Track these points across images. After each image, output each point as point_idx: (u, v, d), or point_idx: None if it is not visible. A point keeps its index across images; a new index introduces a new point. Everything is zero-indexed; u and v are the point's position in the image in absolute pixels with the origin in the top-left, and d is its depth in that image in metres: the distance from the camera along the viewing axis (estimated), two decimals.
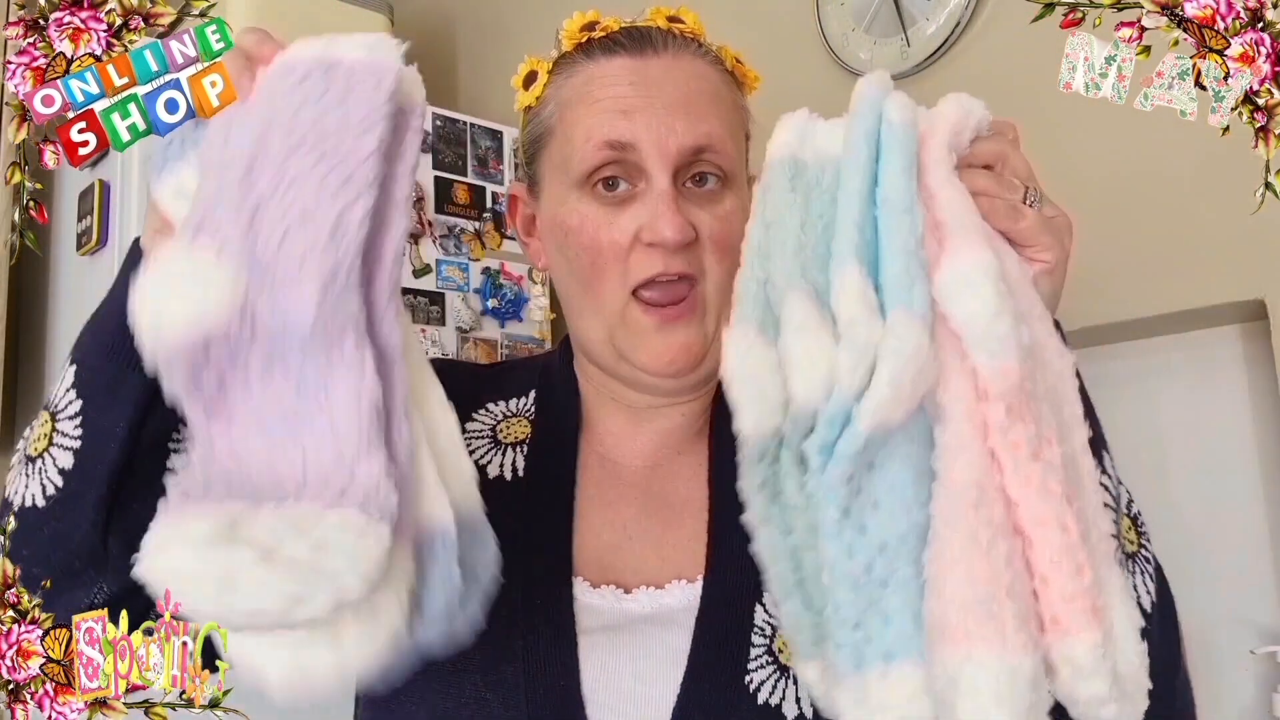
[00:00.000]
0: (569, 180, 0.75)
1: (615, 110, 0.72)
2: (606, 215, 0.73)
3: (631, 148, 0.72)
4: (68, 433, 0.63)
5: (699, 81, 0.76)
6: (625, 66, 0.74)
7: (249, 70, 0.59)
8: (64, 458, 0.62)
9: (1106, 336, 1.38)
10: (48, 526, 0.62)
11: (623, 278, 0.73)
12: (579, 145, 0.73)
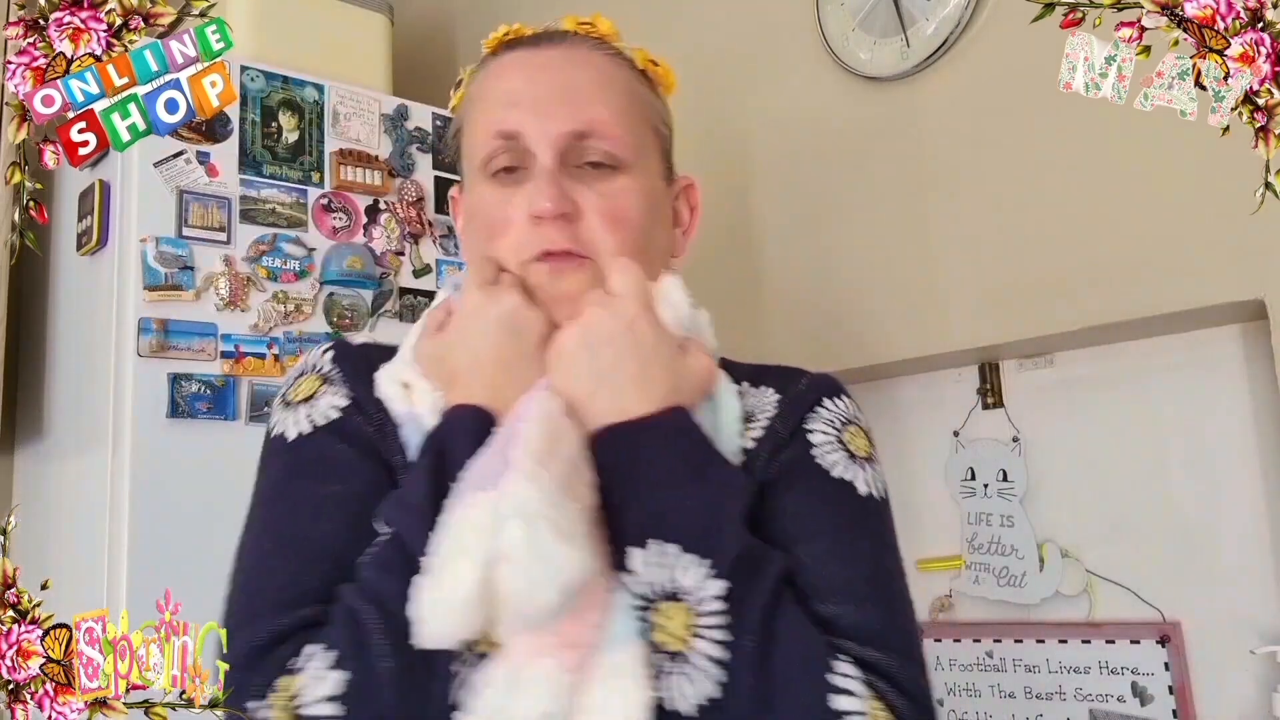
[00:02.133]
0: (474, 169, 0.80)
1: (505, 102, 0.78)
2: (502, 195, 0.77)
3: (518, 135, 0.76)
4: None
5: (588, 70, 0.80)
6: (518, 58, 0.80)
7: None
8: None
9: (1106, 336, 1.38)
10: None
11: (515, 252, 0.76)
12: (478, 137, 0.79)
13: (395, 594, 0.60)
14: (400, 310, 1.77)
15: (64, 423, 1.70)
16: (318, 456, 0.73)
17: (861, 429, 0.81)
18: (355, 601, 0.63)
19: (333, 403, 0.76)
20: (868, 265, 1.57)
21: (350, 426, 0.74)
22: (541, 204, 0.74)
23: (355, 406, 0.75)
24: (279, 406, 0.79)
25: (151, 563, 1.43)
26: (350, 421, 0.74)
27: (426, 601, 0.58)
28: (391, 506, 0.67)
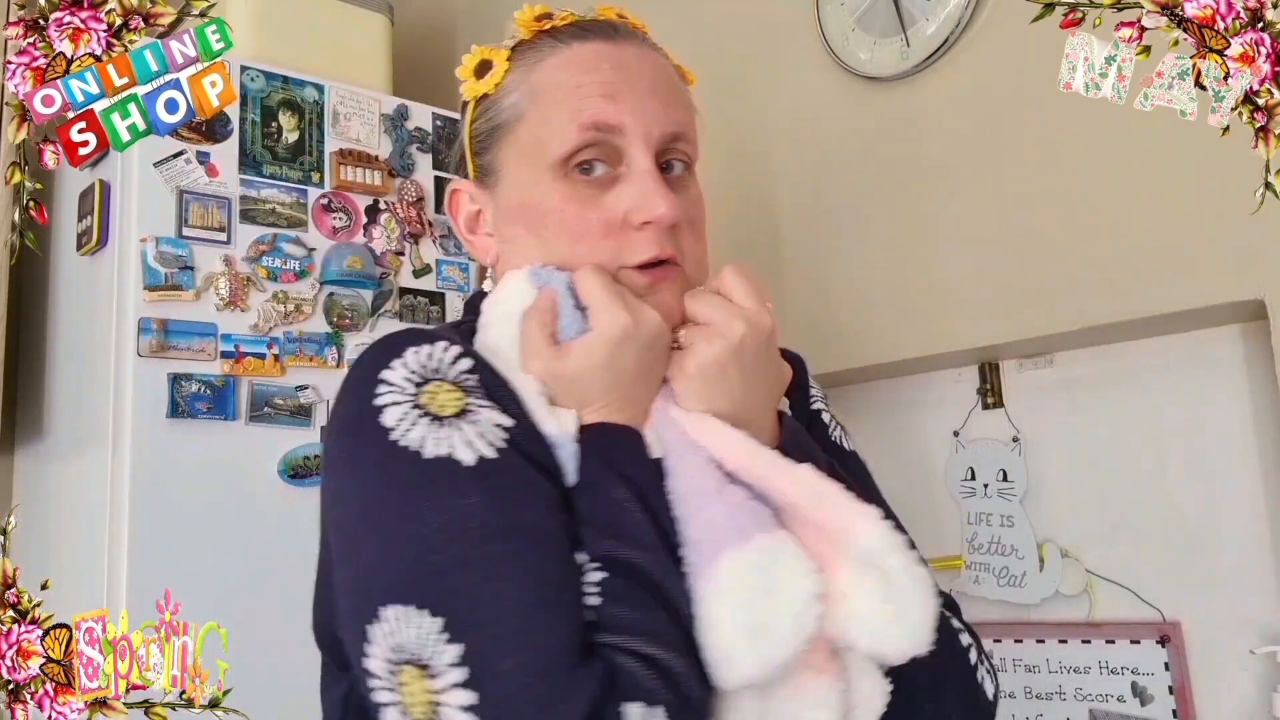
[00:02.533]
0: (543, 164, 0.72)
1: (600, 93, 0.72)
2: (590, 195, 0.71)
3: (618, 130, 0.71)
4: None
5: (666, 71, 0.77)
6: (601, 51, 0.74)
7: None
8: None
9: (1106, 336, 1.38)
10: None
11: (613, 257, 0.71)
12: (560, 127, 0.72)
13: (675, 637, 0.59)
14: (400, 310, 1.77)
15: (64, 423, 1.70)
16: (523, 485, 0.62)
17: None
18: (645, 649, 0.57)
19: (494, 419, 0.64)
20: (868, 265, 1.57)
21: (528, 449, 0.64)
22: (659, 209, 0.70)
23: (519, 425, 0.65)
24: (414, 418, 0.63)
25: (151, 563, 1.43)
26: (526, 443, 0.65)
27: (763, 648, 0.58)
28: (616, 542, 0.61)
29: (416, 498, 0.61)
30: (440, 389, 0.64)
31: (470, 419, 0.63)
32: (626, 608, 0.58)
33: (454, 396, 0.64)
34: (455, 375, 0.66)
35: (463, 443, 0.62)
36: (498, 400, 0.66)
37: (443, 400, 0.64)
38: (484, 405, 0.64)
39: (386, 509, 0.62)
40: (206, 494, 1.50)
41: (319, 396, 1.63)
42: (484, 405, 0.64)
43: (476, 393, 0.65)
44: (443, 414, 0.63)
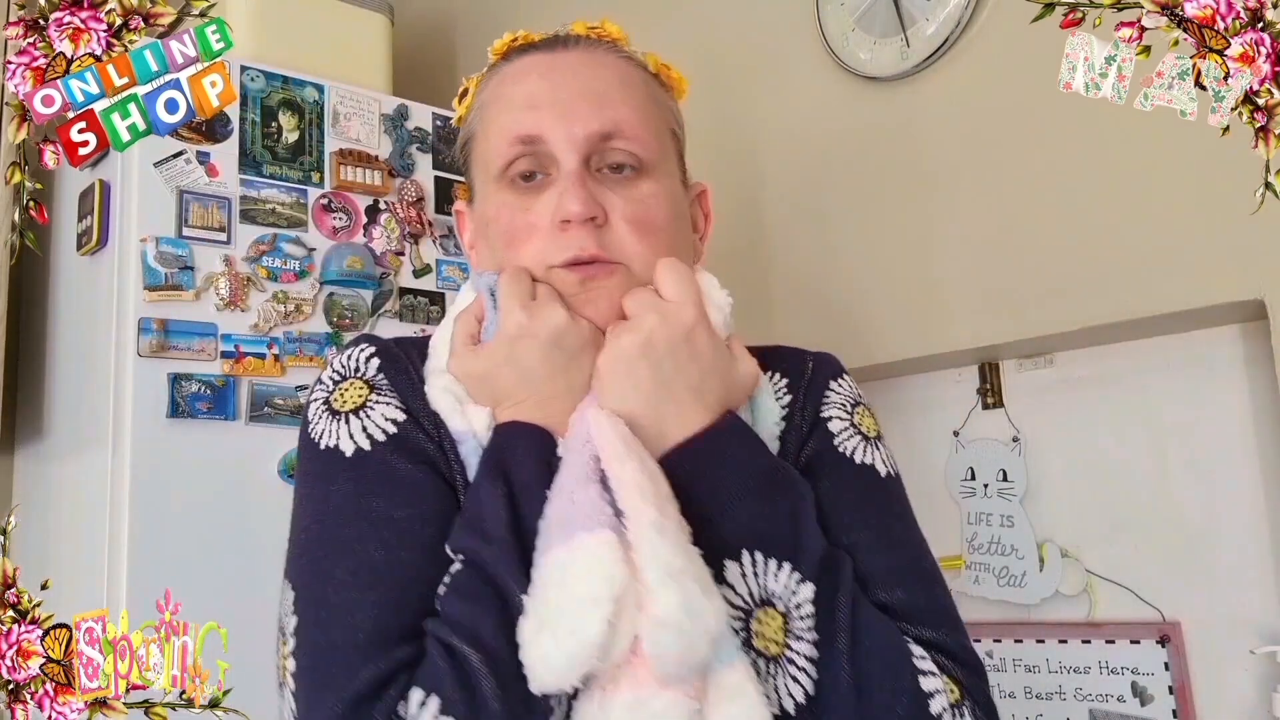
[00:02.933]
0: (489, 176, 0.77)
1: (524, 105, 0.75)
2: (522, 201, 0.74)
3: (540, 139, 0.73)
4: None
5: (607, 70, 0.77)
6: (535, 61, 0.78)
7: None
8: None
9: (1105, 336, 1.38)
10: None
11: (540, 257, 0.73)
12: (495, 142, 0.76)
13: (491, 631, 0.59)
14: (400, 310, 1.77)
15: (64, 423, 1.70)
16: (385, 475, 0.68)
17: (867, 408, 0.83)
18: (452, 639, 0.60)
19: (387, 414, 0.71)
20: (868, 265, 1.57)
21: (413, 442, 0.70)
22: (570, 207, 0.71)
23: (412, 419, 0.71)
24: (323, 413, 0.72)
25: (151, 563, 1.43)
26: (411, 437, 0.70)
27: (548, 648, 0.57)
28: (469, 535, 0.64)
29: (308, 483, 0.71)
30: (351, 387, 0.73)
31: (364, 413, 0.71)
32: (456, 599, 0.62)
33: (358, 391, 0.72)
34: (368, 375, 0.73)
35: (347, 435, 0.70)
36: (405, 398, 0.72)
37: (347, 397, 0.72)
38: (383, 402, 0.71)
39: (295, 493, 0.73)
40: (206, 494, 1.50)
41: None
42: (383, 402, 0.71)
43: (384, 390, 0.72)
44: (343, 409, 0.71)
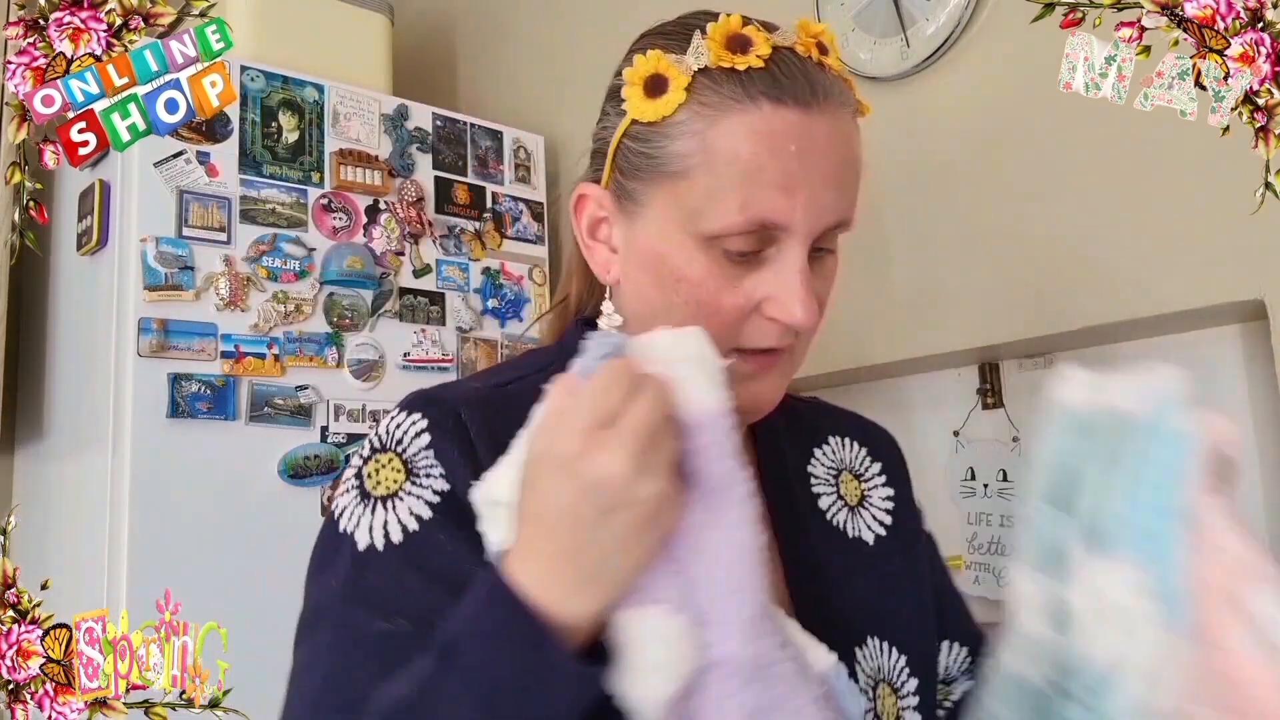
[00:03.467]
0: (693, 228, 0.66)
1: (776, 186, 0.64)
2: (731, 275, 0.67)
3: (784, 228, 0.65)
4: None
5: (850, 148, 0.69)
6: (790, 123, 0.65)
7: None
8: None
9: (1106, 336, 1.38)
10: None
11: (730, 337, 0.67)
12: (724, 208, 0.65)
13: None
14: (400, 310, 1.77)
15: (64, 423, 1.70)
16: (380, 586, 0.63)
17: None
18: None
19: (413, 508, 0.64)
20: (868, 265, 1.57)
21: (430, 546, 0.63)
22: (796, 315, 0.66)
23: (446, 506, 0.64)
24: (354, 491, 0.67)
25: (151, 563, 1.43)
26: (431, 539, 0.63)
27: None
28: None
29: (319, 562, 0.67)
30: (387, 463, 0.67)
31: (392, 504, 0.65)
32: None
33: (394, 474, 0.66)
34: (411, 452, 0.66)
35: (366, 527, 0.65)
36: (457, 471, 0.65)
37: (381, 477, 0.66)
38: (419, 488, 0.65)
39: (317, 545, 0.69)
40: (206, 494, 1.50)
41: (319, 397, 1.63)
42: (419, 488, 0.65)
43: (422, 473, 0.66)
44: (374, 493, 0.66)
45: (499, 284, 1.92)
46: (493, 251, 1.93)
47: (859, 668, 0.71)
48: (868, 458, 0.85)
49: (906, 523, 0.83)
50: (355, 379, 1.68)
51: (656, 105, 0.67)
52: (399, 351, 1.75)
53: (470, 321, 1.86)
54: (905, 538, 0.82)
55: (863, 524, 0.80)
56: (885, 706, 0.71)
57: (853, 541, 0.79)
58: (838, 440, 0.85)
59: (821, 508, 0.79)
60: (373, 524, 0.65)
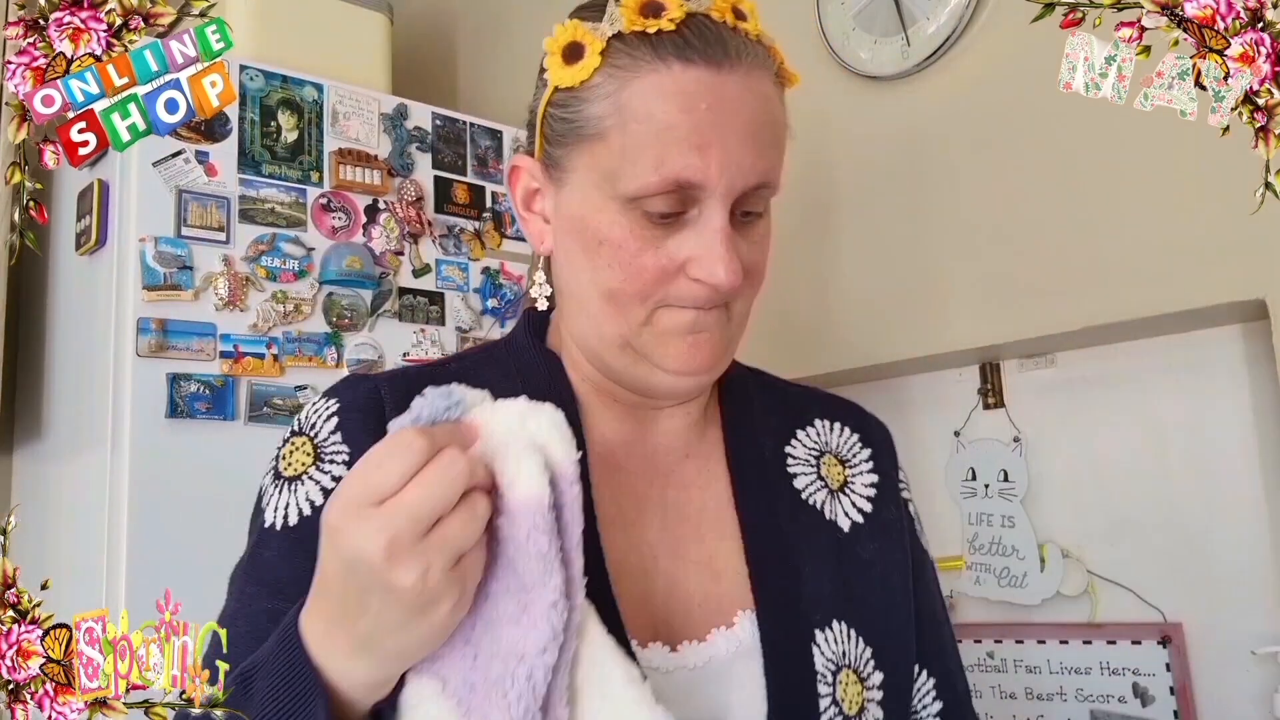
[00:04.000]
0: (612, 191, 0.67)
1: (688, 143, 0.65)
2: (653, 236, 0.67)
3: (699, 188, 0.66)
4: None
5: (768, 106, 0.69)
6: (702, 81, 0.66)
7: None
8: None
9: (1106, 336, 1.38)
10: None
11: (657, 298, 0.68)
12: (640, 168, 0.66)
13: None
14: (399, 310, 1.77)
15: (63, 423, 1.70)
16: (277, 566, 0.67)
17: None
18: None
19: (310, 494, 0.69)
20: (868, 265, 1.57)
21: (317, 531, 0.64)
22: (719, 275, 0.66)
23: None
24: (271, 473, 0.73)
25: (151, 563, 1.43)
26: (316, 523, 0.63)
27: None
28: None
29: (249, 530, 0.73)
30: (299, 446, 0.72)
31: (295, 486, 0.70)
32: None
33: (304, 457, 0.71)
34: (321, 437, 0.72)
35: (273, 506, 0.70)
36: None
37: (293, 459, 0.72)
38: (321, 473, 0.70)
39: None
40: (206, 494, 1.50)
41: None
42: (321, 473, 0.70)
43: (327, 457, 0.70)
44: (284, 473, 0.72)
45: (499, 284, 1.92)
46: (492, 251, 1.93)
47: (818, 650, 0.71)
48: (858, 443, 0.84)
49: (886, 513, 0.81)
50: None
51: (574, 71, 0.68)
52: (398, 351, 1.75)
53: (470, 321, 1.86)
54: (883, 527, 0.80)
55: (840, 509, 0.79)
56: (848, 693, 0.70)
57: (828, 523, 0.78)
58: (824, 424, 0.84)
59: (797, 487, 0.79)
60: (278, 504, 0.70)
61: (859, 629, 0.73)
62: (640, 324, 0.70)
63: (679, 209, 0.67)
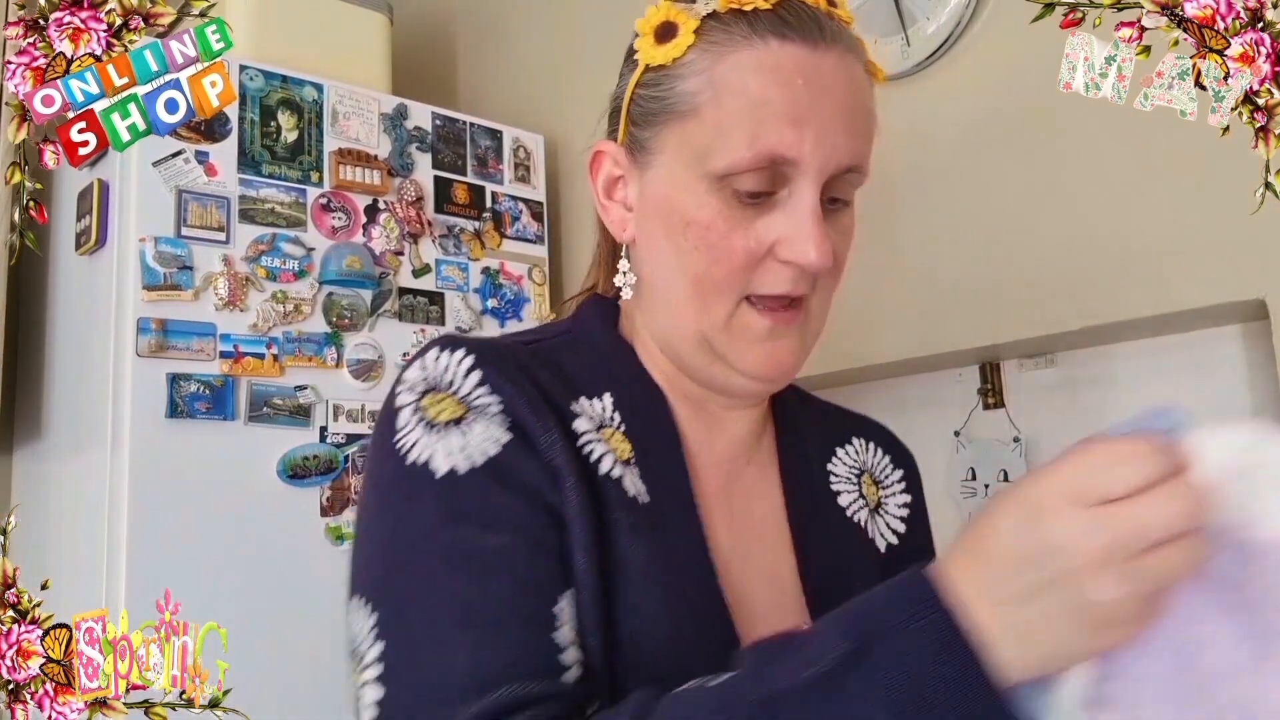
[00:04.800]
0: (701, 169, 0.66)
1: (785, 117, 0.64)
2: (742, 217, 0.66)
3: (792, 164, 0.65)
4: None
5: (860, 90, 0.69)
6: (797, 58, 0.65)
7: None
8: None
9: (1106, 336, 1.38)
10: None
11: (742, 285, 0.67)
12: (733, 143, 0.64)
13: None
14: (399, 310, 1.77)
15: (63, 423, 1.70)
16: (481, 505, 0.62)
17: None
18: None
19: (489, 433, 0.63)
20: (868, 265, 1.57)
21: (514, 467, 0.63)
22: (810, 255, 0.64)
23: (519, 440, 0.64)
24: (414, 422, 0.64)
25: (151, 563, 1.43)
26: (513, 462, 0.63)
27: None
28: (773, 661, 0.51)
29: (389, 498, 0.63)
30: (441, 399, 0.65)
31: (463, 428, 0.63)
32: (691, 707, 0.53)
33: (453, 405, 0.64)
34: (464, 390, 0.65)
35: (444, 452, 0.62)
36: (516, 411, 0.64)
37: (440, 408, 0.64)
38: (485, 419, 0.64)
39: (369, 506, 0.65)
40: (206, 494, 1.50)
41: (318, 396, 1.63)
42: (485, 419, 0.64)
43: (484, 409, 0.64)
44: (437, 420, 0.64)
45: (499, 284, 1.92)
46: (492, 251, 1.93)
47: None
48: (890, 464, 0.85)
49: (919, 536, 0.83)
50: (354, 379, 1.68)
51: (666, 49, 0.67)
52: (398, 351, 1.74)
53: (470, 321, 1.86)
54: (918, 549, 0.82)
55: (878, 530, 0.80)
56: None
57: (869, 542, 0.79)
58: (860, 442, 0.85)
59: (842, 504, 0.79)
60: (451, 447, 0.63)
61: None
62: (723, 320, 0.68)
63: (769, 188, 0.65)
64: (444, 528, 0.61)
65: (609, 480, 0.66)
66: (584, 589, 0.61)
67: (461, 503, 0.61)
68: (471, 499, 0.61)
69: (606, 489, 0.66)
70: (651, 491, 0.68)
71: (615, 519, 0.65)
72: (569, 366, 0.72)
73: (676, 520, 0.68)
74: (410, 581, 0.60)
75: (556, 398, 0.68)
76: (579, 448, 0.66)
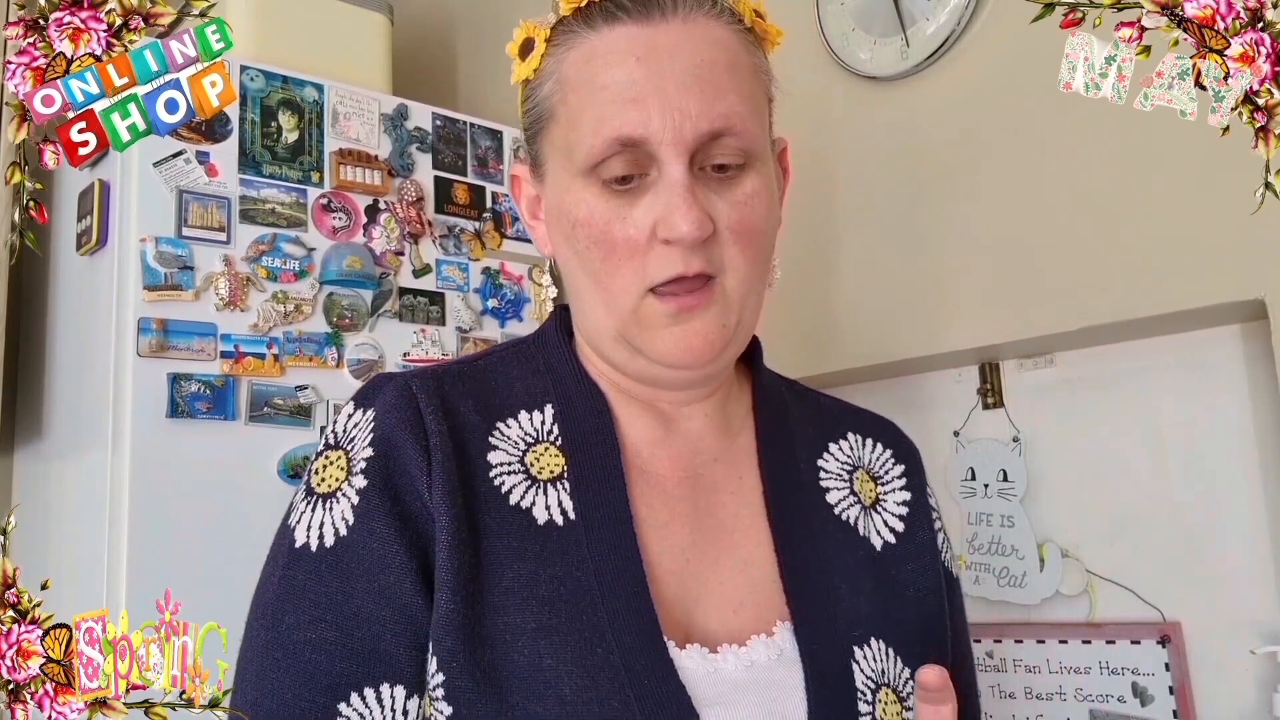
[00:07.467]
0: (572, 167, 0.68)
1: (622, 98, 0.64)
2: (618, 208, 0.66)
3: (643, 142, 0.64)
4: None
5: (714, 50, 0.67)
6: (629, 37, 0.66)
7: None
8: None
9: (1106, 336, 1.38)
10: None
11: (639, 275, 0.67)
12: (585, 136, 0.66)
13: None
14: (400, 310, 1.77)
15: (64, 423, 1.70)
16: (303, 589, 0.66)
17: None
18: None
19: (344, 513, 0.67)
20: (868, 265, 1.57)
21: (356, 549, 0.66)
22: (680, 228, 0.64)
23: (359, 525, 0.67)
24: (303, 488, 0.71)
25: (151, 563, 1.43)
26: (358, 542, 0.66)
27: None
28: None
29: (272, 550, 0.71)
30: (335, 460, 0.70)
31: (330, 504, 0.68)
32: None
33: (338, 474, 0.69)
34: (355, 452, 0.69)
35: (305, 525, 0.68)
36: (390, 478, 0.67)
37: (327, 474, 0.69)
38: (353, 492, 0.67)
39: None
40: (206, 494, 1.50)
41: (319, 396, 1.63)
42: (353, 492, 0.67)
43: (363, 475, 0.68)
44: (318, 490, 0.69)
45: (499, 284, 1.92)
46: (492, 251, 1.93)
47: (858, 668, 0.70)
48: (891, 460, 0.84)
49: (920, 535, 0.82)
50: (355, 379, 1.68)
51: (528, 63, 0.72)
52: (399, 351, 1.75)
53: (470, 321, 1.86)
54: (918, 550, 0.80)
55: (873, 527, 0.79)
56: (887, 712, 0.70)
57: (860, 540, 0.77)
58: (857, 438, 0.83)
59: (829, 501, 0.78)
60: (310, 522, 0.68)
61: (897, 649, 0.73)
62: (630, 314, 0.68)
63: (636, 171, 0.66)
64: (275, 602, 0.67)
65: (516, 511, 0.68)
66: (448, 627, 0.64)
67: (296, 583, 0.66)
68: (305, 581, 0.66)
69: (511, 519, 0.68)
70: (580, 507, 0.69)
71: (504, 546, 0.67)
72: (510, 383, 0.75)
73: (604, 534, 0.69)
74: (250, 633, 0.67)
75: (470, 433, 0.70)
76: (490, 479, 0.69)
